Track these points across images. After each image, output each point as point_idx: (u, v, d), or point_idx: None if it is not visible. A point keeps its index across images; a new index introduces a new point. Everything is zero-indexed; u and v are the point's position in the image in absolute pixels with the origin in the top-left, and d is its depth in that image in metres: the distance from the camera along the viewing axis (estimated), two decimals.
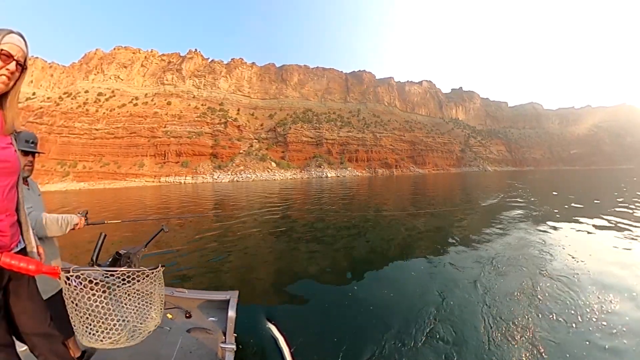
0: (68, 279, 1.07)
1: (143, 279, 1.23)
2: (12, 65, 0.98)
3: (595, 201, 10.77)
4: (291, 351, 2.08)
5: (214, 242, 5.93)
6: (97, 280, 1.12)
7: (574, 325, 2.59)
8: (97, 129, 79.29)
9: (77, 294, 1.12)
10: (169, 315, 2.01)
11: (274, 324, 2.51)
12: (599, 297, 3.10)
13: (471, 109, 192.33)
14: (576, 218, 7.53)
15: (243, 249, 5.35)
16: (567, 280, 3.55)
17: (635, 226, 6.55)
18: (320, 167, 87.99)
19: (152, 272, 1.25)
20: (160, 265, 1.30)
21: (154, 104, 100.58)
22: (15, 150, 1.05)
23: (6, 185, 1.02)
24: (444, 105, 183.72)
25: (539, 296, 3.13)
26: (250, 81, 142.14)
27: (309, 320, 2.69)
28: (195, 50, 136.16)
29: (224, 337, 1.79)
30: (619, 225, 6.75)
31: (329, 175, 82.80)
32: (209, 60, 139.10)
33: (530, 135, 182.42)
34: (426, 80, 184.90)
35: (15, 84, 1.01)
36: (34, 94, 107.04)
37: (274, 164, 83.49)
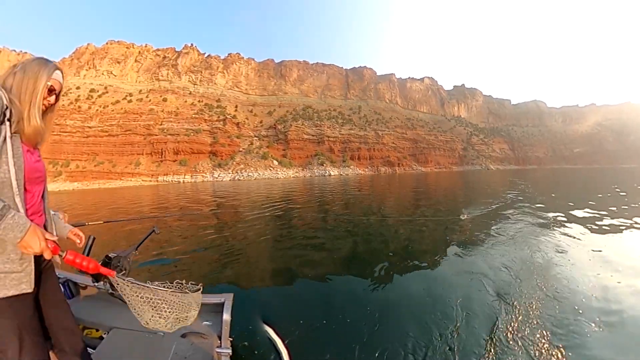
0: (123, 279, 1.19)
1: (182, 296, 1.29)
2: (52, 98, 1.17)
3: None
4: (290, 354, 2.06)
5: (207, 243, 5.69)
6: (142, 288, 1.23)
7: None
8: (90, 127, 75.80)
9: (127, 290, 1.21)
10: None
11: (271, 327, 2.44)
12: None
13: (473, 107, 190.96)
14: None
15: (238, 250, 5.13)
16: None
17: None
18: (322, 165, 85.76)
19: (193, 294, 1.31)
20: (200, 286, 1.37)
21: (149, 100, 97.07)
22: (42, 162, 1.20)
23: (38, 191, 1.18)
24: (445, 102, 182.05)
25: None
26: (248, 77, 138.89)
27: (307, 322, 2.60)
28: (191, 45, 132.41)
29: (219, 342, 1.77)
30: None
31: (332, 173, 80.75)
32: (205, 55, 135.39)
33: (533, 134, 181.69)
34: (428, 77, 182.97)
35: (50, 108, 1.19)
36: None
37: (275, 162, 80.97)
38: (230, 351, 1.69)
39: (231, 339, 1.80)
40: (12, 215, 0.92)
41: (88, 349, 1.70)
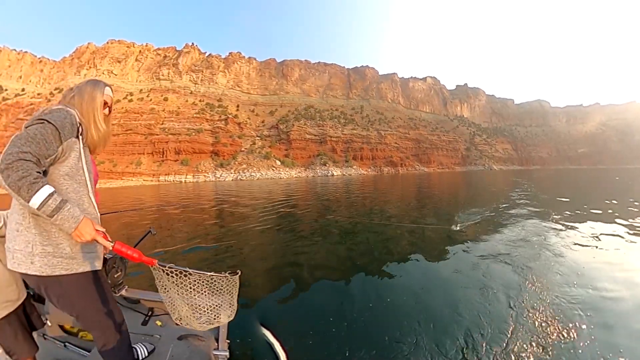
0: (162, 265, 1.21)
1: (222, 282, 1.30)
2: (106, 111, 1.34)
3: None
4: (287, 357, 2.08)
5: (205, 243, 5.65)
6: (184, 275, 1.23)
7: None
8: None
9: (166, 280, 1.24)
10: (158, 322, 1.94)
11: (268, 329, 2.43)
12: None
13: (476, 106, 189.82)
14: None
15: (236, 251, 5.10)
16: None
17: None
18: (325, 165, 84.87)
19: (233, 277, 1.32)
20: (239, 271, 1.35)
21: (150, 100, 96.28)
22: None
23: (96, 189, 1.36)
24: (448, 102, 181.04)
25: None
26: (249, 77, 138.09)
27: (305, 325, 2.60)
28: (192, 44, 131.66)
29: (216, 344, 1.74)
30: None
31: (335, 173, 79.87)
32: (206, 54, 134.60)
33: (536, 134, 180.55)
34: (430, 77, 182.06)
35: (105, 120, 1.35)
36: (23, 90, 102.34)
37: (278, 162, 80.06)
38: (227, 354, 1.68)
39: (228, 341, 1.78)
40: (68, 209, 1.05)
41: (83, 351, 1.74)
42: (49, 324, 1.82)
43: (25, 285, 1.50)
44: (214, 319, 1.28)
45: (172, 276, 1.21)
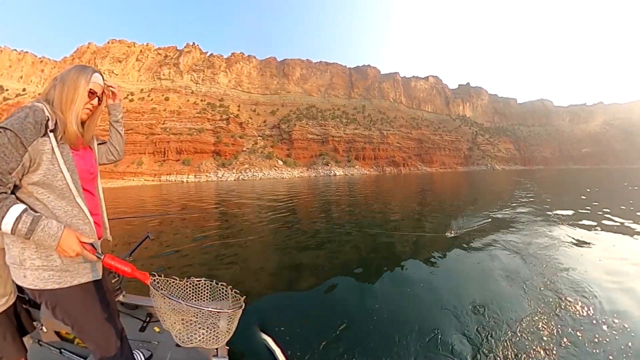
0: (156, 288, 1.13)
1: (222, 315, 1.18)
2: (95, 101, 1.17)
3: None
4: None
5: (204, 246, 5.57)
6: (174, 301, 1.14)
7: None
8: None
9: (158, 299, 1.16)
10: (157, 329, 1.89)
11: (269, 336, 2.39)
12: None
13: (479, 106, 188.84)
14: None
15: (236, 254, 5.03)
16: None
17: None
18: (327, 165, 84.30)
19: (234, 311, 1.20)
20: (243, 301, 1.23)
21: (151, 99, 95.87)
22: (92, 161, 1.26)
23: (93, 188, 1.24)
24: (450, 101, 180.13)
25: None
26: (250, 76, 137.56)
27: (307, 331, 2.55)
28: (193, 43, 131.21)
29: (216, 351, 1.68)
30: None
31: (337, 173, 79.32)
32: (208, 54, 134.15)
33: (539, 133, 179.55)
34: (432, 76, 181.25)
35: (95, 110, 1.21)
36: (24, 90, 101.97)
37: (280, 162, 79.50)
38: None
39: (228, 347, 1.72)
40: (42, 227, 0.96)
41: (79, 358, 1.71)
42: (45, 330, 1.76)
43: (20, 290, 1.47)
44: (208, 341, 1.18)
45: (163, 300, 1.14)
